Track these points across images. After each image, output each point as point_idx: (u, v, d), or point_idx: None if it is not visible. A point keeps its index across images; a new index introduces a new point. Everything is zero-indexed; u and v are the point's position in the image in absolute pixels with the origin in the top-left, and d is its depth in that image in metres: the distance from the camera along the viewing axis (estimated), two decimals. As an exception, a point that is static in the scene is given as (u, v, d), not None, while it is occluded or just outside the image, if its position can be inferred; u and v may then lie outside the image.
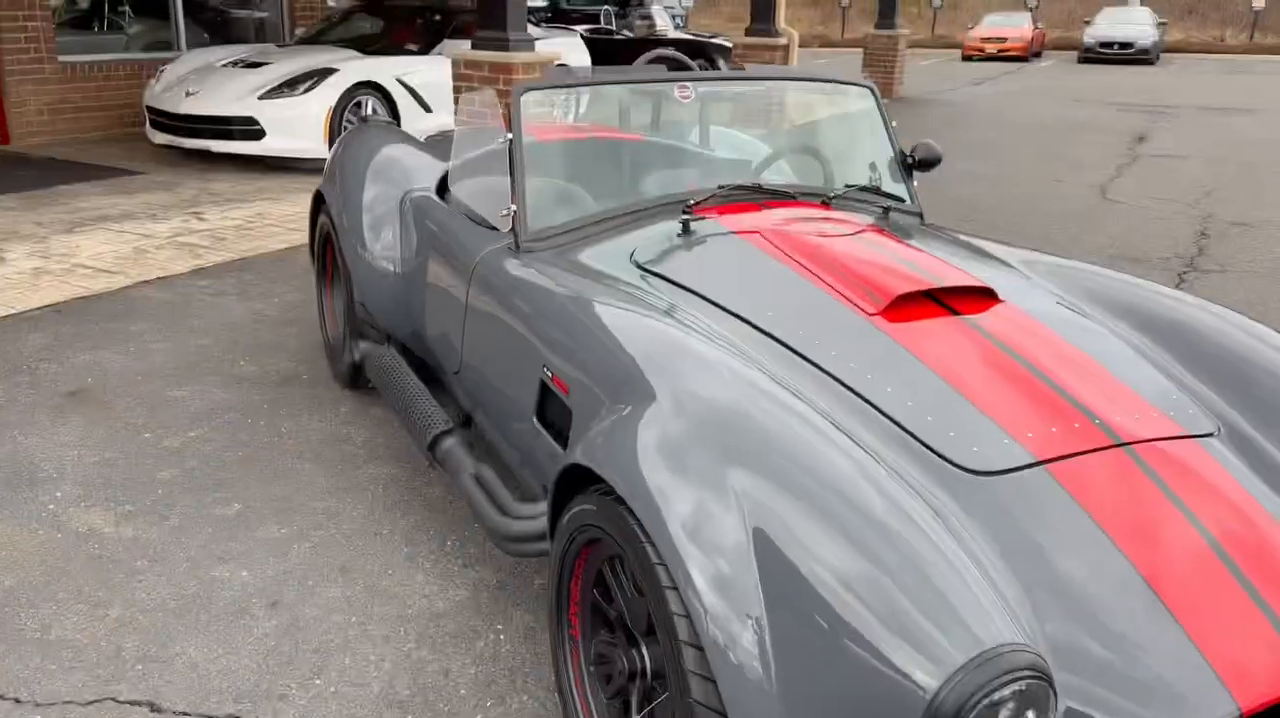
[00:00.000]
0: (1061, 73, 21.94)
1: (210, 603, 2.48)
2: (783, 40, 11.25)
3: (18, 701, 2.13)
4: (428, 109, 8.21)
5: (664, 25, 14.94)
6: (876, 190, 3.02)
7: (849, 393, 1.92)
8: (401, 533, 2.81)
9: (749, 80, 3.29)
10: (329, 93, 7.54)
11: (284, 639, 2.35)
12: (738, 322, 2.16)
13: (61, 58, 8.74)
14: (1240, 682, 1.51)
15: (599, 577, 1.93)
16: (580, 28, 15.09)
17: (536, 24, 15.09)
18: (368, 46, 8.55)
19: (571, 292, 2.33)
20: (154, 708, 2.12)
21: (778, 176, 3.11)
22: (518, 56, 7.03)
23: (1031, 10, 28.74)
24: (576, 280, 2.39)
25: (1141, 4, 28.26)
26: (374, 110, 7.89)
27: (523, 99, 2.71)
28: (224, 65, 7.99)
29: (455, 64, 7.22)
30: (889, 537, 1.51)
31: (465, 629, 2.41)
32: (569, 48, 9.83)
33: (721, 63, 12.81)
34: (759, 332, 2.12)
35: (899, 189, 3.09)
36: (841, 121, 3.25)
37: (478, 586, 2.58)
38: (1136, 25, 25.22)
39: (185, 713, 2.11)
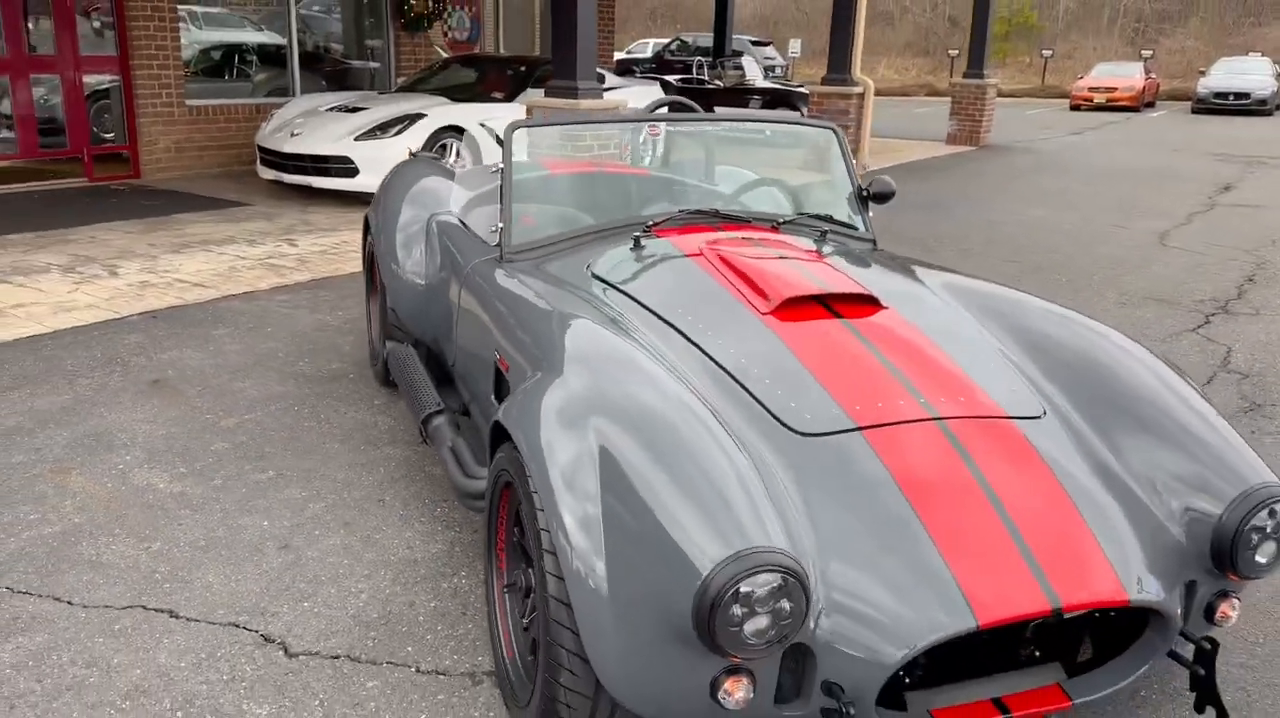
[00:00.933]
0: (1170, 123, 21.59)
1: (233, 543, 3.00)
2: (858, 89, 11.61)
3: (69, 603, 2.67)
4: (508, 150, 8.85)
5: (753, 75, 15.47)
6: (829, 219, 3.39)
7: (722, 372, 2.32)
8: (401, 500, 3.29)
9: (726, 121, 3.73)
10: (417, 135, 8.26)
11: (286, 573, 2.85)
12: (652, 316, 2.58)
13: (189, 101, 9.75)
14: (984, 604, 1.84)
15: (516, 516, 2.35)
16: (674, 77, 15.74)
17: (634, 75, 15.79)
18: (458, 94, 9.30)
19: (529, 292, 2.79)
20: (172, 615, 2.63)
21: (754, 204, 3.52)
22: (584, 103, 7.62)
23: (1145, 60, 28.30)
24: (539, 284, 2.85)
25: (1263, 54, 27.49)
26: (458, 153, 8.58)
27: (513, 135, 3.21)
28: (327, 110, 8.82)
29: (528, 110, 7.85)
30: (708, 476, 1.90)
31: (434, 574, 2.86)
32: (646, 95, 10.41)
33: (802, 109, 13.26)
34: (668, 325, 2.53)
35: (855, 218, 3.46)
36: (806, 158, 3.64)
37: (454, 543, 3.03)
38: (1254, 75, 24.61)
39: (196, 620, 2.62)
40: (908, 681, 2.03)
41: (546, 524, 1.98)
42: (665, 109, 4.09)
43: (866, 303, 2.59)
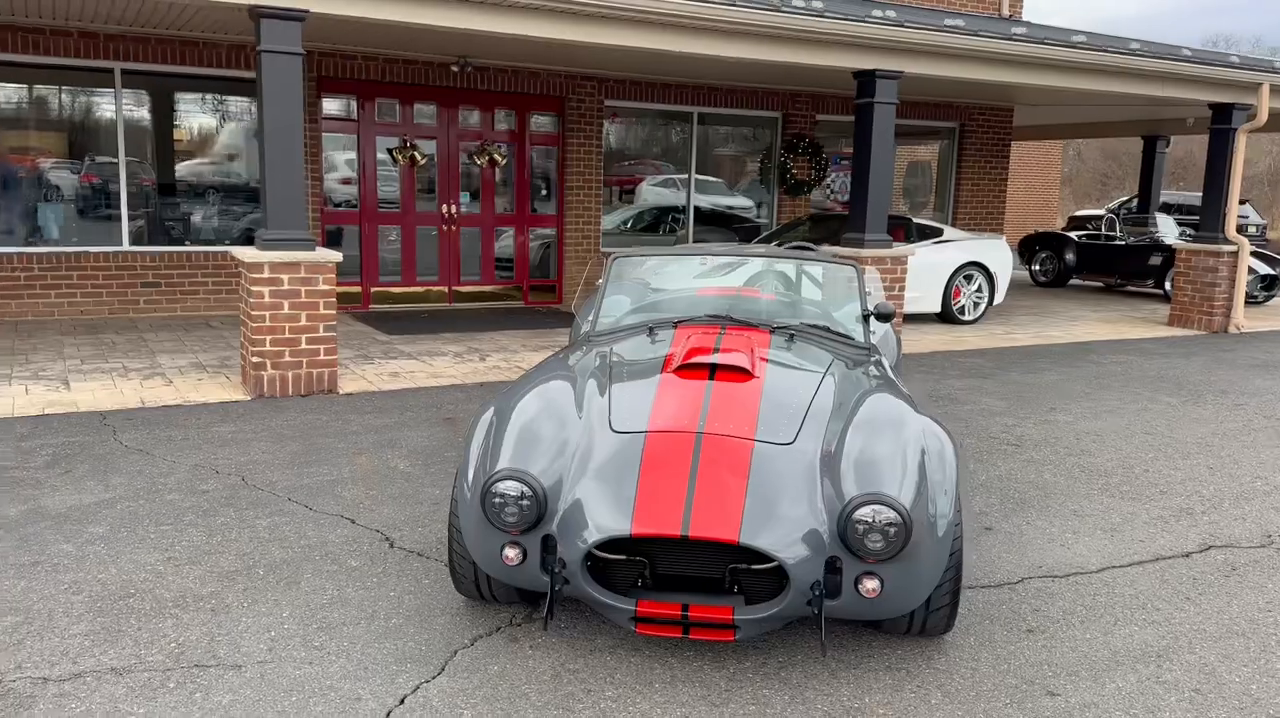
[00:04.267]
0: None
1: (411, 497, 4.87)
2: (1230, 248, 11.31)
3: (309, 508, 4.71)
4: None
5: (1164, 232, 15.20)
6: (826, 329, 4.56)
7: (607, 399, 3.74)
8: (522, 495, 4.99)
9: (774, 257, 5.05)
10: (746, 276, 10.08)
11: (425, 514, 4.65)
12: (609, 371, 4.05)
13: (603, 248, 12.57)
14: (640, 523, 3.09)
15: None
16: (1077, 233, 16.05)
17: (1081, 230, 16.26)
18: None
19: (576, 358, 4.40)
20: (351, 521, 4.55)
21: (785, 314, 4.79)
22: (866, 252, 8.94)
23: None
24: (582, 355, 4.44)
25: None
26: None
27: (615, 263, 4.89)
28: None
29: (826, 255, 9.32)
30: (537, 442, 3.38)
31: (499, 529, 4.51)
32: (988, 248, 11.30)
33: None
34: (611, 378, 3.98)
35: (855, 330, 4.59)
36: (829, 285, 4.83)
37: (528, 518, 4.66)
38: None
39: (360, 525, 4.49)
40: (640, 583, 3.28)
41: (459, 460, 3.59)
42: (777, 245, 5.46)
43: (741, 373, 3.84)
